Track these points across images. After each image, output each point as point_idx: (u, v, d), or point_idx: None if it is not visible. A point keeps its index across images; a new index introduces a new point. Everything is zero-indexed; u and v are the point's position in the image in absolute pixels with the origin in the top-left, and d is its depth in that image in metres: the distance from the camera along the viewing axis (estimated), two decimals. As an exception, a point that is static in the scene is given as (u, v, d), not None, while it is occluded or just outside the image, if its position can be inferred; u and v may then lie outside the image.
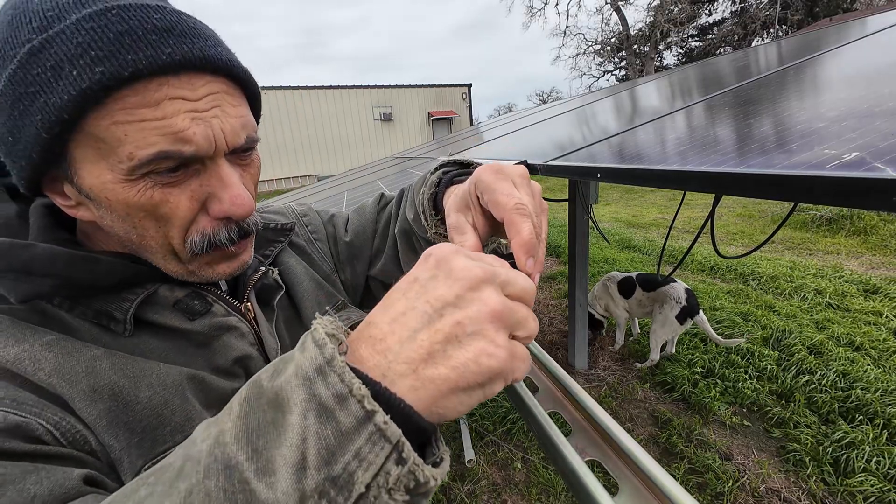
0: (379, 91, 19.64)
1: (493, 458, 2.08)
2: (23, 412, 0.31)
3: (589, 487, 0.28)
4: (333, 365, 0.23)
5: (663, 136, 1.04)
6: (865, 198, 0.39)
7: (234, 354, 0.45)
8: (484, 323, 0.25)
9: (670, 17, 21.04)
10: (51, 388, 0.34)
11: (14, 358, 0.34)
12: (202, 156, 0.37)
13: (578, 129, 1.87)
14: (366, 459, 0.21)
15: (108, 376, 0.36)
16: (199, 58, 0.36)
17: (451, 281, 0.26)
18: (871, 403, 2.05)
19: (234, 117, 0.39)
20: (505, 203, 0.35)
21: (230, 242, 0.42)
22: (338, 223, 0.69)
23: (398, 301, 0.27)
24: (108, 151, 0.34)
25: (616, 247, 5.00)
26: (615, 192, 8.49)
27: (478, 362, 0.24)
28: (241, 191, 0.40)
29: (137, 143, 0.34)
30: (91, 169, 0.35)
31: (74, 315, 0.39)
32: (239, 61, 0.41)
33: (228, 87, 0.39)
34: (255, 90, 0.44)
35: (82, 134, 0.34)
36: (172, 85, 0.35)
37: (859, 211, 4.49)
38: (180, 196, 0.38)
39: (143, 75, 0.33)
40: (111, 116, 0.33)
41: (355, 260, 0.66)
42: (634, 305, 2.72)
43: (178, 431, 0.38)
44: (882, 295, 3.15)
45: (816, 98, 0.91)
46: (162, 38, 0.34)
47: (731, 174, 0.55)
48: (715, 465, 1.87)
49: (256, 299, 0.52)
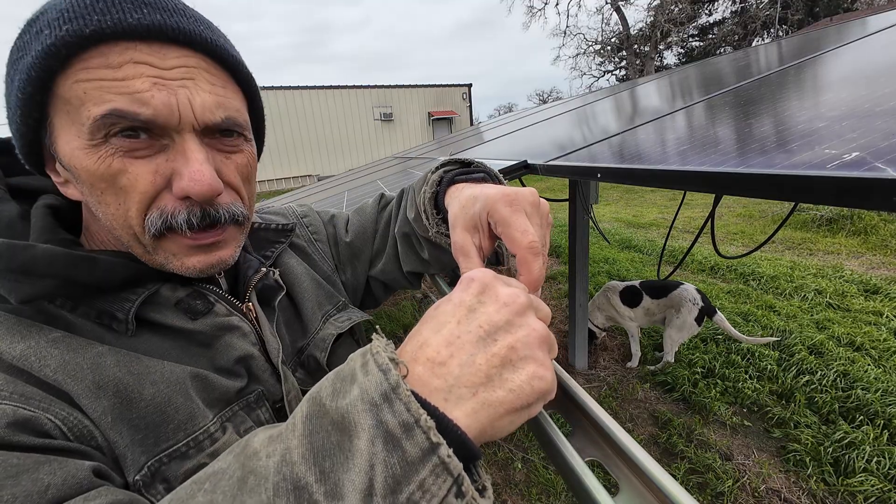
0: (379, 91, 19.64)
1: (493, 458, 2.08)
2: (31, 407, 0.32)
3: (589, 487, 0.28)
4: (399, 393, 0.23)
5: (663, 135, 1.04)
6: (866, 198, 0.39)
7: (236, 354, 0.45)
8: (534, 347, 0.27)
9: (670, 16, 21.03)
10: (56, 384, 0.34)
11: (20, 354, 0.34)
12: (163, 123, 0.36)
13: (578, 128, 1.87)
14: (429, 491, 0.22)
15: (112, 373, 0.36)
16: (172, 28, 0.35)
17: (500, 306, 0.27)
18: (871, 403, 2.05)
19: (209, 93, 0.38)
20: (520, 241, 0.37)
21: (188, 226, 0.39)
22: (338, 224, 0.68)
23: (448, 323, 0.27)
24: (73, 114, 0.34)
25: (616, 247, 5.00)
26: (615, 192, 8.49)
27: (531, 384, 0.26)
28: (202, 167, 0.37)
29: (95, 100, 0.34)
30: (64, 136, 0.36)
31: (77, 315, 0.39)
32: (230, 47, 0.40)
33: (210, 66, 0.39)
34: (250, 83, 0.43)
35: (55, 98, 0.35)
36: (140, 51, 0.35)
37: (860, 211, 4.48)
38: (141, 168, 0.36)
39: (107, 36, 0.33)
40: (74, 76, 0.34)
41: (356, 260, 0.66)
42: (641, 315, 2.62)
43: (180, 429, 0.38)
44: (882, 295, 3.15)
45: (817, 98, 0.91)
46: (136, 6, 0.34)
47: (731, 174, 0.55)
48: (715, 465, 1.87)
49: (258, 300, 0.52)
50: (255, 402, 0.45)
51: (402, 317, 3.62)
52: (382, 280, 0.67)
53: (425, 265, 0.60)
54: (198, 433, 0.38)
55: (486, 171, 0.53)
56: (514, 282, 0.32)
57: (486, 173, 0.52)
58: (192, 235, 0.40)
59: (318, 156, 18.72)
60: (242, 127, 0.42)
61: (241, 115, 0.42)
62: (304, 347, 0.54)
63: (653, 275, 3.96)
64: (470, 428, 0.24)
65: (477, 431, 0.25)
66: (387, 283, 0.67)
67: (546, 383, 0.26)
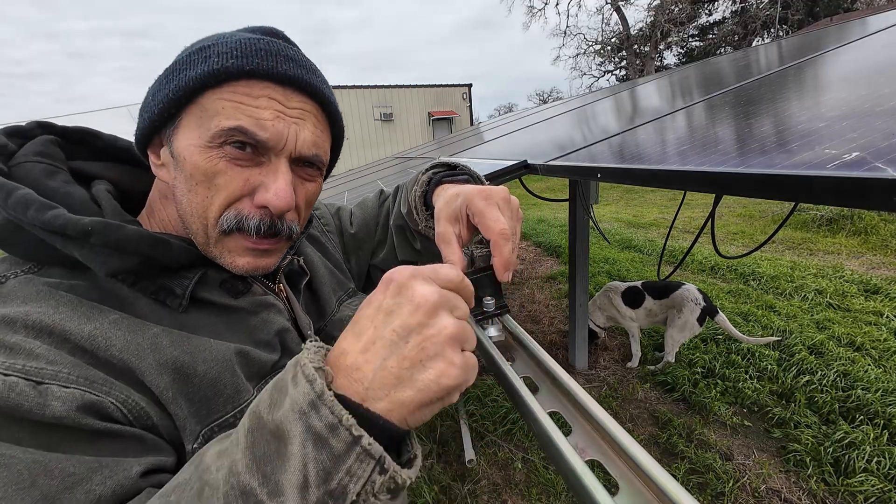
0: (379, 91, 19.64)
1: (494, 458, 2.08)
2: (95, 391, 0.35)
3: (589, 487, 0.28)
4: (324, 399, 0.27)
5: (664, 135, 1.04)
6: (866, 198, 0.39)
7: (275, 328, 0.50)
8: (443, 346, 0.29)
9: (671, 16, 21.03)
10: (122, 363, 0.38)
11: (88, 335, 0.37)
12: (271, 147, 0.44)
13: (579, 128, 1.87)
14: (355, 475, 0.26)
15: (169, 352, 0.40)
16: (304, 81, 0.45)
17: (413, 308, 0.30)
18: (871, 403, 2.05)
19: (312, 133, 0.47)
20: (492, 228, 0.44)
21: (256, 232, 0.45)
22: (343, 216, 0.76)
23: (367, 329, 0.30)
24: (205, 119, 0.42)
25: (616, 247, 5.00)
26: (615, 192, 8.49)
27: (438, 382, 0.28)
28: (287, 187, 0.45)
29: (228, 116, 0.42)
30: (186, 133, 0.43)
31: (136, 290, 0.43)
32: (334, 98, 0.50)
33: (319, 114, 0.48)
34: (340, 126, 0.52)
35: (195, 105, 0.43)
36: (276, 91, 0.44)
37: (860, 211, 4.48)
38: (238, 175, 0.44)
39: (259, 75, 0.42)
40: (220, 94, 0.42)
41: (359, 250, 0.73)
42: (642, 315, 2.61)
43: (229, 402, 0.43)
44: (882, 295, 3.14)
45: (817, 98, 0.91)
46: (285, 61, 0.44)
47: (731, 174, 0.55)
48: (715, 465, 1.87)
49: (286, 282, 0.58)
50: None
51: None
52: (382, 268, 0.73)
53: (417, 254, 0.67)
54: (243, 405, 0.44)
55: (469, 173, 0.61)
56: (443, 270, 0.33)
57: (470, 175, 0.60)
58: (255, 239, 0.46)
59: (319, 156, 18.69)
60: (323, 164, 0.50)
61: (326, 155, 0.51)
62: (321, 329, 0.60)
63: (653, 275, 3.96)
64: (389, 419, 0.28)
65: (396, 421, 0.28)
66: (385, 271, 0.72)
67: (453, 379, 0.28)
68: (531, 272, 4.58)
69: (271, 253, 0.49)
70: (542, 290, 3.96)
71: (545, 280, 4.26)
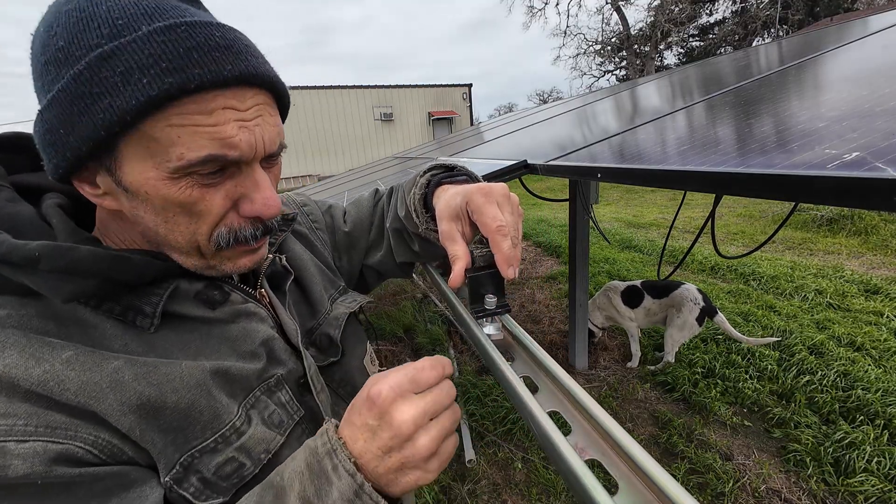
0: (379, 91, 19.64)
1: (494, 458, 2.08)
2: (59, 438, 0.33)
3: (588, 487, 0.28)
4: (365, 489, 0.35)
5: (664, 135, 1.04)
6: (866, 198, 0.39)
7: (259, 337, 0.48)
8: (419, 462, 0.36)
9: (671, 16, 21.01)
10: (80, 406, 0.35)
11: (38, 380, 0.34)
12: (245, 160, 0.40)
13: (579, 128, 1.87)
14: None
15: (133, 388, 0.37)
16: (251, 74, 0.39)
17: (391, 434, 0.36)
18: (871, 404, 2.05)
19: (273, 126, 0.42)
20: (489, 225, 0.45)
21: (253, 239, 0.45)
22: (335, 214, 0.74)
23: (358, 440, 0.37)
24: (158, 150, 0.36)
25: (616, 247, 5.00)
26: (616, 191, 8.49)
27: (417, 483, 0.37)
28: (272, 193, 0.43)
29: (189, 145, 0.36)
30: (136, 165, 0.37)
31: (100, 312, 0.40)
32: (278, 75, 0.44)
33: (269, 98, 0.42)
34: (288, 101, 0.47)
35: (136, 134, 0.36)
36: (226, 96, 0.38)
37: (860, 211, 4.48)
38: (216, 195, 0.40)
39: (205, 88, 0.36)
40: (167, 120, 0.36)
41: (352, 249, 0.72)
42: (642, 315, 2.60)
43: (207, 428, 0.41)
44: (883, 295, 3.14)
45: (817, 98, 0.91)
46: (223, 55, 0.37)
47: (731, 174, 0.55)
48: (715, 465, 1.87)
49: (269, 285, 0.55)
50: (276, 385, 0.48)
51: (403, 317, 3.62)
52: (377, 269, 0.73)
53: (416, 256, 0.67)
54: (224, 430, 0.42)
55: (468, 174, 0.60)
56: (423, 376, 0.39)
57: (469, 176, 0.60)
58: (253, 245, 0.46)
59: (319, 156, 18.72)
60: (285, 147, 0.47)
61: (284, 134, 0.46)
62: (314, 328, 0.58)
63: (653, 275, 3.96)
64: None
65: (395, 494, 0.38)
66: (380, 272, 0.74)
67: (428, 482, 0.38)
68: (531, 272, 4.58)
69: (265, 245, 0.50)
70: (542, 290, 3.95)
71: (545, 280, 4.26)
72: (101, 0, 0.35)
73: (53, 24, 0.36)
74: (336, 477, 0.35)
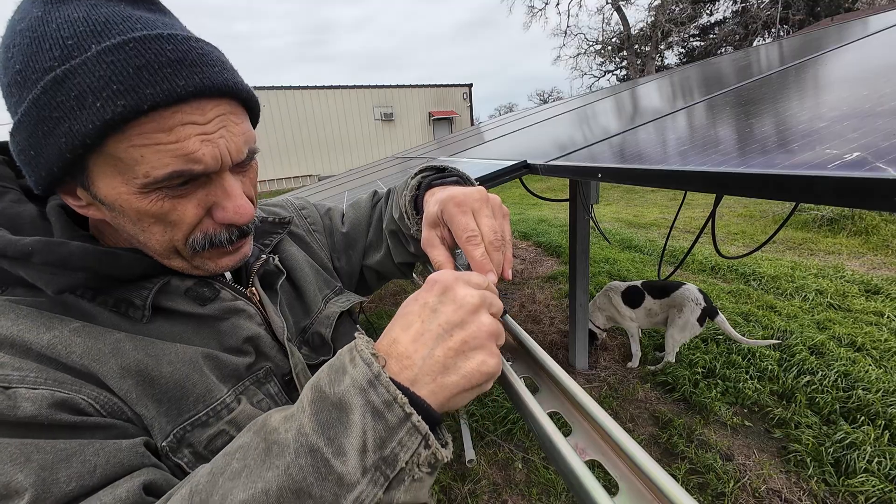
0: (380, 91, 19.64)
1: (494, 458, 2.08)
2: (65, 390, 0.36)
3: (588, 487, 0.28)
4: (381, 379, 0.31)
5: (664, 135, 1.04)
6: (867, 198, 0.39)
7: (245, 334, 0.49)
8: (484, 339, 0.34)
9: (671, 16, 21.01)
10: (84, 369, 0.38)
11: (47, 343, 0.37)
12: (210, 173, 0.41)
13: (579, 128, 1.87)
14: (406, 446, 0.31)
15: (132, 356, 0.40)
16: (208, 86, 0.38)
17: (456, 307, 0.35)
18: (872, 404, 2.05)
19: (238, 135, 0.42)
20: (459, 235, 0.46)
21: (229, 243, 0.46)
22: (334, 216, 0.75)
23: (415, 323, 0.35)
24: (124, 169, 0.38)
25: (617, 247, 5.00)
26: (616, 191, 8.49)
27: (479, 370, 0.33)
28: (243, 201, 0.44)
29: (153, 163, 0.37)
30: (107, 182, 0.39)
31: (96, 304, 0.43)
32: (242, 81, 0.44)
33: (233, 106, 0.42)
34: (256, 106, 0.47)
35: (101, 154, 0.37)
36: (185, 111, 0.38)
37: (861, 211, 4.48)
38: (187, 205, 0.42)
39: (161, 106, 0.36)
40: (129, 140, 0.36)
41: (351, 250, 0.73)
42: (642, 315, 2.60)
43: (199, 401, 0.43)
44: (883, 295, 3.14)
45: (818, 98, 0.91)
46: (176, 71, 0.36)
47: (732, 174, 0.55)
48: (716, 465, 1.87)
49: (260, 284, 0.57)
50: (264, 377, 0.50)
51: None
52: (377, 270, 0.73)
53: (413, 257, 0.67)
54: (215, 404, 0.44)
55: (458, 175, 0.61)
56: (474, 277, 0.38)
57: (459, 177, 0.60)
58: (230, 248, 0.47)
59: (319, 156, 18.72)
60: (256, 151, 0.47)
61: (254, 139, 0.46)
62: (307, 326, 0.60)
63: (653, 275, 3.96)
64: (433, 402, 0.33)
65: (438, 405, 0.33)
66: (380, 273, 0.75)
67: (491, 367, 0.34)
68: (531, 272, 4.58)
69: (247, 244, 0.51)
70: (543, 290, 3.95)
71: (545, 280, 4.26)
72: (51, 17, 0.35)
73: (10, 45, 0.36)
74: (351, 366, 0.33)
